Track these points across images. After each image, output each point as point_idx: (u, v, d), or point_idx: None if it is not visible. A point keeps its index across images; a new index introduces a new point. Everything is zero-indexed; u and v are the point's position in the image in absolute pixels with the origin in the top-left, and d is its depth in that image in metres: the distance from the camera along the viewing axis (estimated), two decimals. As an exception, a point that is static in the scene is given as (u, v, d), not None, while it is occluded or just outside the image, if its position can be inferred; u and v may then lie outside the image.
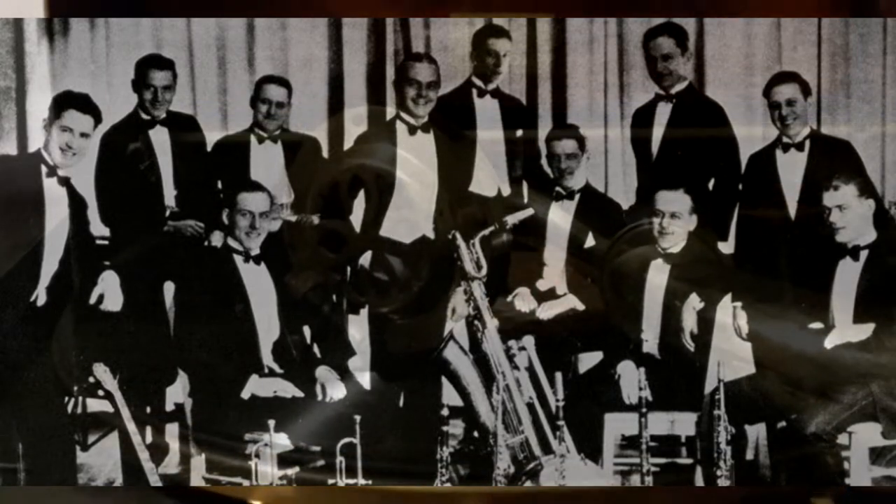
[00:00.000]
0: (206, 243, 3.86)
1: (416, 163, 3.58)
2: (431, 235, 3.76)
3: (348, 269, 3.51)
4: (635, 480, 3.30)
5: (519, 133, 4.11)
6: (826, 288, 3.38)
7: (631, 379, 3.45)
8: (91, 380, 3.23)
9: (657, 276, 3.60)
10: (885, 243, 3.36)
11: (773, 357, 3.40)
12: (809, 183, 3.69)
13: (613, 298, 3.49)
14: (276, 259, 3.64)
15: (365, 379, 3.61)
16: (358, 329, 3.65)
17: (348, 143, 3.88)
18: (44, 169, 3.42)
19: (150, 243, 3.73)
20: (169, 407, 3.78)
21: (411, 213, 3.60)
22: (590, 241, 3.79)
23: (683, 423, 3.52)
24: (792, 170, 3.79)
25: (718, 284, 3.58)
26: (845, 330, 3.33)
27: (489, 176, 3.92)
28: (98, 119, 3.46)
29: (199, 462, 3.33)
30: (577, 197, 3.85)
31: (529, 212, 3.63)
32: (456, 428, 3.67)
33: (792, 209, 3.78)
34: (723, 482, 3.14)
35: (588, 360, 3.80)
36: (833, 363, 3.28)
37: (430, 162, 3.77)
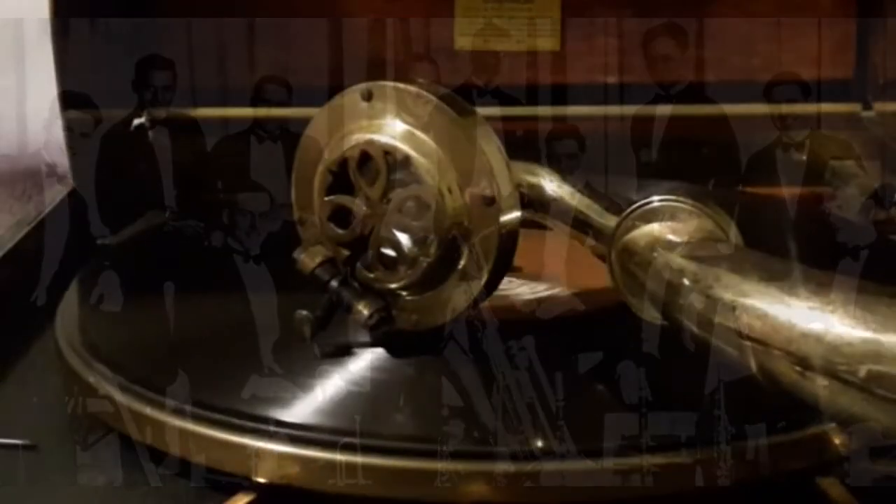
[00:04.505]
0: (206, 243, 3.87)
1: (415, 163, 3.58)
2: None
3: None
4: (635, 480, 3.31)
5: (519, 133, 4.13)
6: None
7: (631, 379, 3.46)
8: (91, 379, 3.24)
9: (657, 276, 3.61)
10: (885, 243, 3.38)
11: (774, 356, 3.41)
12: (809, 183, 3.74)
13: (613, 298, 3.50)
14: (277, 259, 3.66)
15: (365, 379, 3.62)
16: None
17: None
18: (44, 169, 3.46)
19: (150, 243, 3.75)
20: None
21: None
22: (589, 242, 3.81)
23: (683, 423, 3.53)
24: (792, 170, 3.85)
25: (718, 284, 3.59)
26: (845, 330, 3.35)
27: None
28: (98, 119, 3.49)
29: (198, 462, 3.35)
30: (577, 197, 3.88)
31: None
32: (456, 428, 3.68)
33: (792, 209, 3.81)
34: (723, 482, 3.15)
35: (588, 361, 3.81)
36: (833, 363, 3.29)
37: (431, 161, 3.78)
